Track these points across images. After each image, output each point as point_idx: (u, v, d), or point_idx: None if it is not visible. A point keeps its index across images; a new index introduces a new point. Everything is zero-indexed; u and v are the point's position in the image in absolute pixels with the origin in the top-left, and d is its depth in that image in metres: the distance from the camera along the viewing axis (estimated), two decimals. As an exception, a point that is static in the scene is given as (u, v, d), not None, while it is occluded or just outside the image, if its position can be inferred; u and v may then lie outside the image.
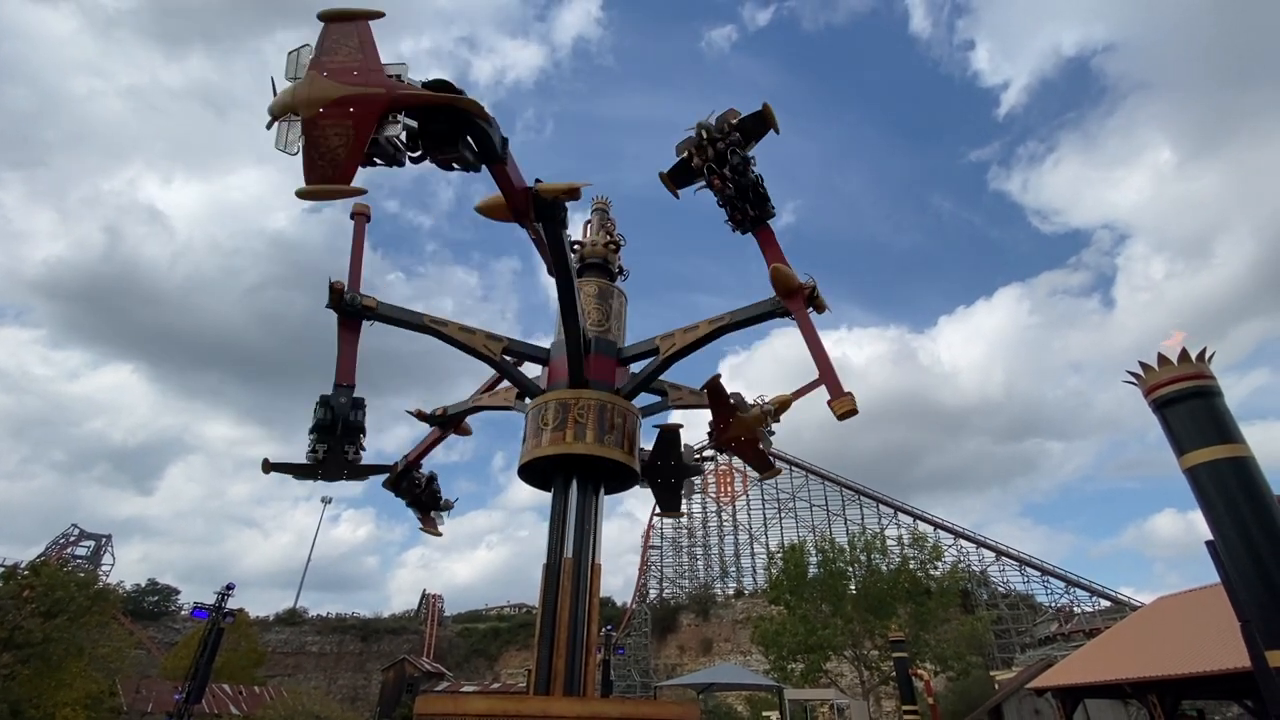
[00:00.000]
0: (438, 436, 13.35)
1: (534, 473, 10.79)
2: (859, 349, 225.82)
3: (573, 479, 10.38)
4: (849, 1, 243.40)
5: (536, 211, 8.59)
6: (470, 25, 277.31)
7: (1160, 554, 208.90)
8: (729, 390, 11.29)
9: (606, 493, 10.99)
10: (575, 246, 13.95)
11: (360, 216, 12.31)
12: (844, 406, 9.11)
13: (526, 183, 8.42)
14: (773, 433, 11.21)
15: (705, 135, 10.24)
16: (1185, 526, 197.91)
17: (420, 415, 13.23)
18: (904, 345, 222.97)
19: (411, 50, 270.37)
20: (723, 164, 10.17)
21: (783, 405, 10.80)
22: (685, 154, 10.55)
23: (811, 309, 9.75)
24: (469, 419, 13.26)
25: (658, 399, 12.23)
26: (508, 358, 11.77)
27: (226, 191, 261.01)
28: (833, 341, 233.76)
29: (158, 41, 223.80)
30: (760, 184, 10.38)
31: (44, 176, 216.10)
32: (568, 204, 8.62)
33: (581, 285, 12.38)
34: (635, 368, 11.75)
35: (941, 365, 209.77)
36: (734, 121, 10.21)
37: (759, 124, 10.17)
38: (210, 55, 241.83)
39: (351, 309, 10.71)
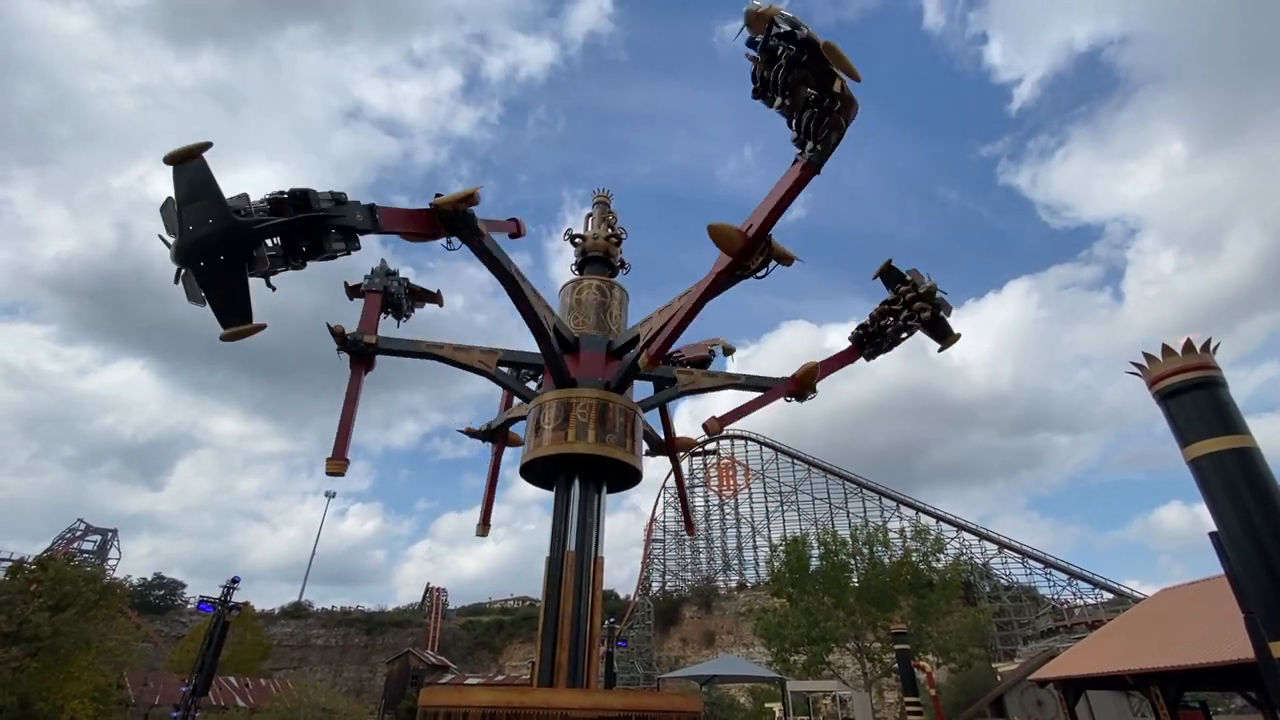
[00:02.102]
0: (498, 450, 14.05)
1: (536, 472, 10.81)
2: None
3: (574, 478, 10.39)
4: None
5: (445, 227, 8.68)
6: (482, 21, 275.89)
7: (1166, 546, 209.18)
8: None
9: (609, 491, 11.01)
10: (577, 240, 13.95)
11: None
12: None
13: (404, 223, 8.70)
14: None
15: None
16: (1191, 519, 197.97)
17: (470, 432, 14.28)
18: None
19: (423, 49, 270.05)
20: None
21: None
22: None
23: (776, 262, 8.90)
24: (514, 429, 13.66)
25: (666, 385, 12.40)
26: (504, 369, 12.10)
27: (236, 187, 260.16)
28: (841, 334, 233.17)
29: (169, 39, 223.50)
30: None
31: (55, 174, 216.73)
32: (473, 209, 8.68)
33: (575, 288, 12.44)
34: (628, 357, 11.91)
35: (950, 359, 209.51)
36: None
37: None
38: (221, 52, 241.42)
39: (355, 349, 11.30)
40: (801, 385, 11.89)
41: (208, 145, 7.04)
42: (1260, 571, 5.38)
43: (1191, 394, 6.23)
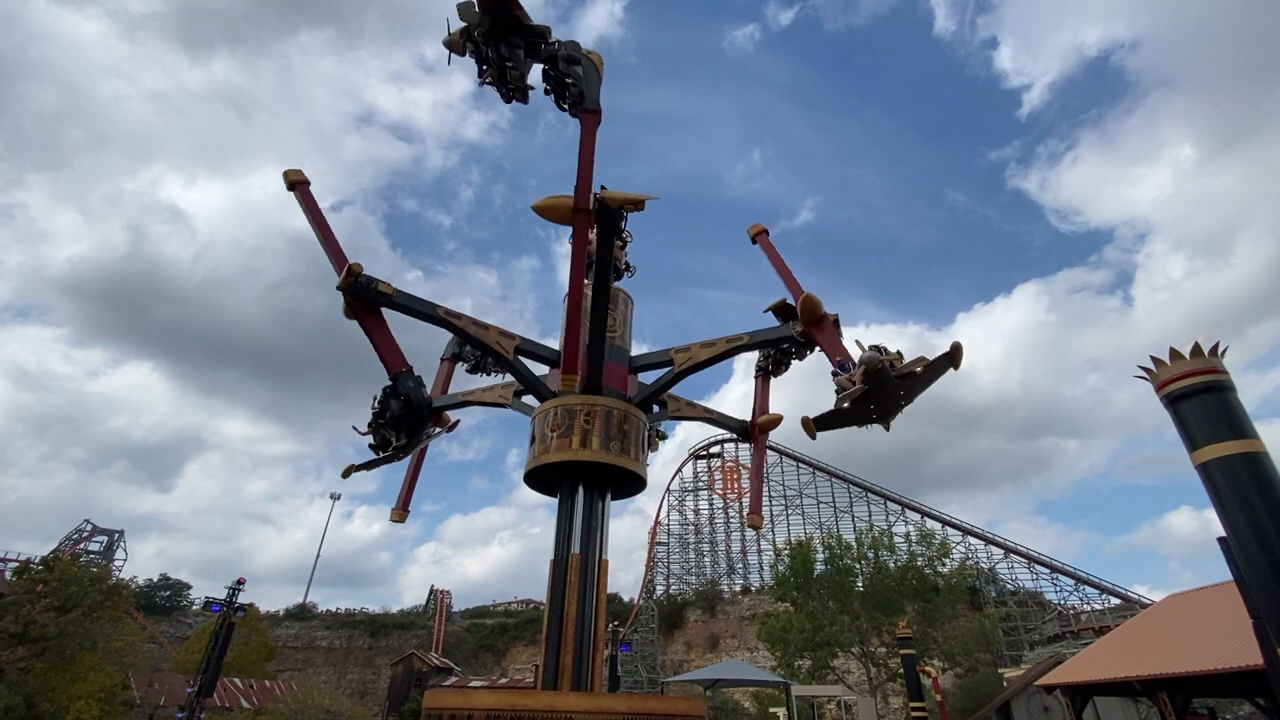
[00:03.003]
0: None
1: (540, 479, 10.78)
2: None
3: (579, 485, 10.36)
4: (871, 3, 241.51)
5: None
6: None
7: (1175, 551, 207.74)
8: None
9: (613, 498, 10.98)
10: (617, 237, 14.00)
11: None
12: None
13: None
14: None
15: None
16: (1201, 524, 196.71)
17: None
18: (923, 342, 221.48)
19: (434, 54, 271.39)
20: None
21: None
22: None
23: (622, 209, 9.14)
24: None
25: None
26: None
27: (248, 191, 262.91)
28: (850, 339, 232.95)
29: (183, 45, 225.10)
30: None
31: (68, 178, 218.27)
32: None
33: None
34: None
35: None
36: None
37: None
38: (235, 57, 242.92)
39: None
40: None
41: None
42: (1269, 577, 5.34)
43: (1200, 398, 6.19)
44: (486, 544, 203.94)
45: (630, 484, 10.86)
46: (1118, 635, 23.63)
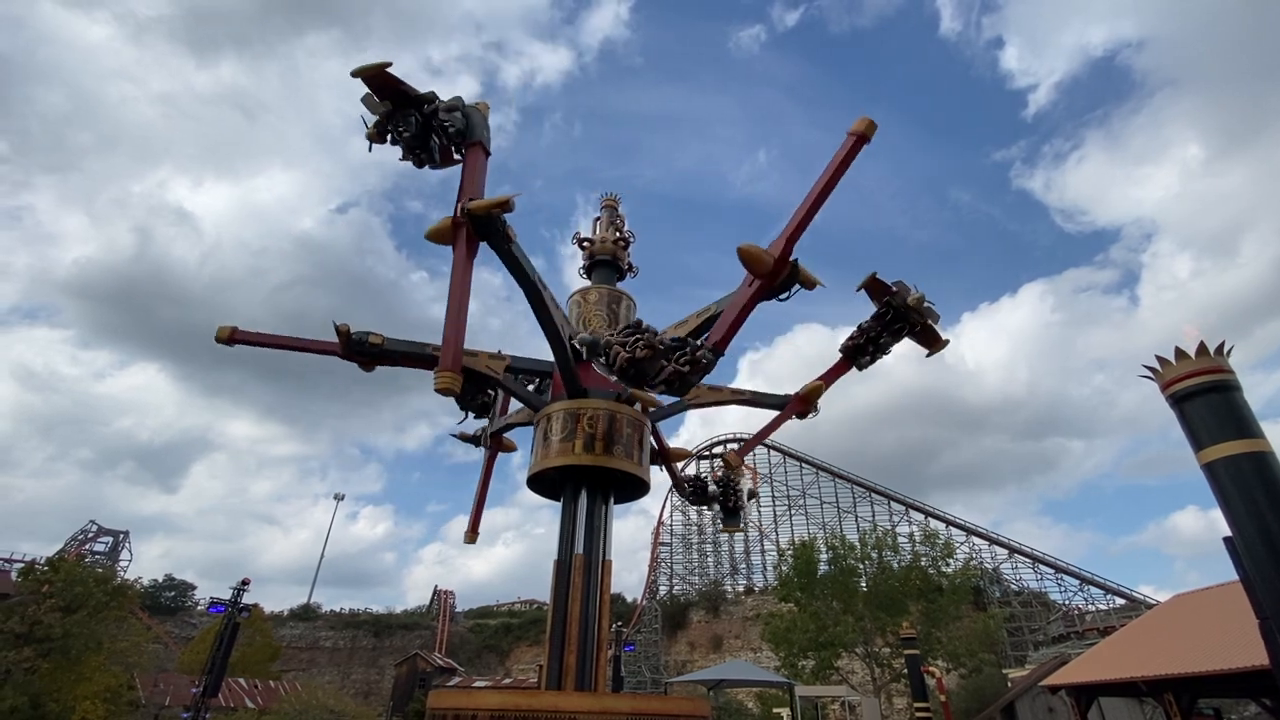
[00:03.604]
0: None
1: (543, 483, 10.79)
2: None
3: (581, 489, 10.36)
4: (877, 4, 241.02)
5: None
6: (499, 30, 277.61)
7: (1181, 552, 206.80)
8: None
9: (616, 502, 10.98)
10: (585, 244, 13.98)
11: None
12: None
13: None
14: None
15: None
16: (1207, 524, 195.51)
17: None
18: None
19: (440, 57, 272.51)
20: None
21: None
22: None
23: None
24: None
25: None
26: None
27: (254, 193, 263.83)
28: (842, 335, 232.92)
29: (190, 48, 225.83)
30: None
31: (76, 180, 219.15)
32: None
33: (584, 294, 12.43)
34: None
35: (965, 363, 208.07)
36: None
37: None
38: (241, 60, 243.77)
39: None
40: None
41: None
42: (1275, 577, 5.31)
43: (1205, 397, 6.17)
44: (491, 544, 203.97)
45: (633, 488, 10.86)
46: (1123, 635, 23.55)
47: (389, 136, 9.28)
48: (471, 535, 13.43)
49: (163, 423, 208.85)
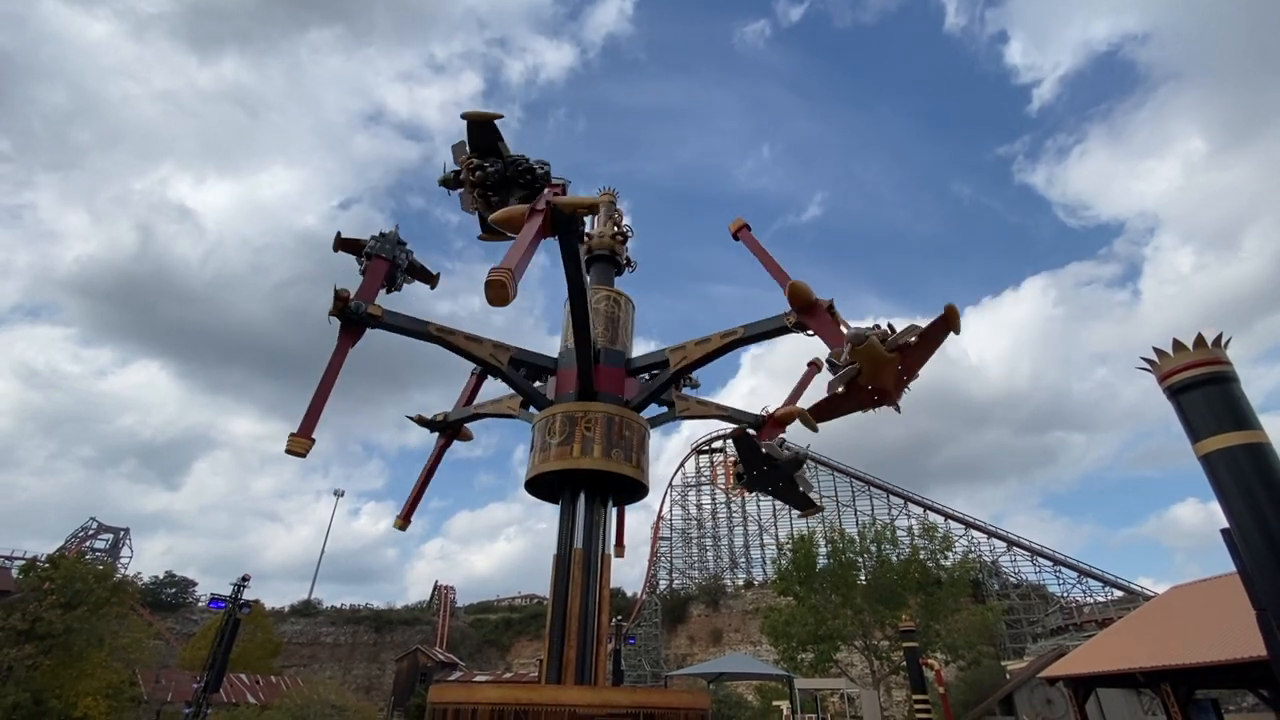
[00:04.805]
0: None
1: (542, 486, 10.75)
2: None
3: (580, 492, 10.34)
4: (881, 1, 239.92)
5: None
6: (503, 26, 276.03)
7: (1181, 544, 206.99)
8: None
9: (615, 505, 10.97)
10: (583, 239, 13.94)
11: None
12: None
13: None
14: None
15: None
16: (1206, 516, 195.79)
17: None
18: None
19: (444, 54, 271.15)
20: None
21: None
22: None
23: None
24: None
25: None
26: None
27: (257, 190, 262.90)
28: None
29: (192, 45, 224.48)
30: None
31: (78, 178, 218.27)
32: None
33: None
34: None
35: (968, 357, 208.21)
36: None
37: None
38: (244, 56, 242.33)
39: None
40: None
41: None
42: (1272, 568, 5.33)
43: (1203, 389, 6.17)
44: (493, 540, 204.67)
45: (632, 490, 10.84)
46: (1121, 627, 23.65)
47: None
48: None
49: (165, 420, 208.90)
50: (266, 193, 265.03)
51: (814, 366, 12.76)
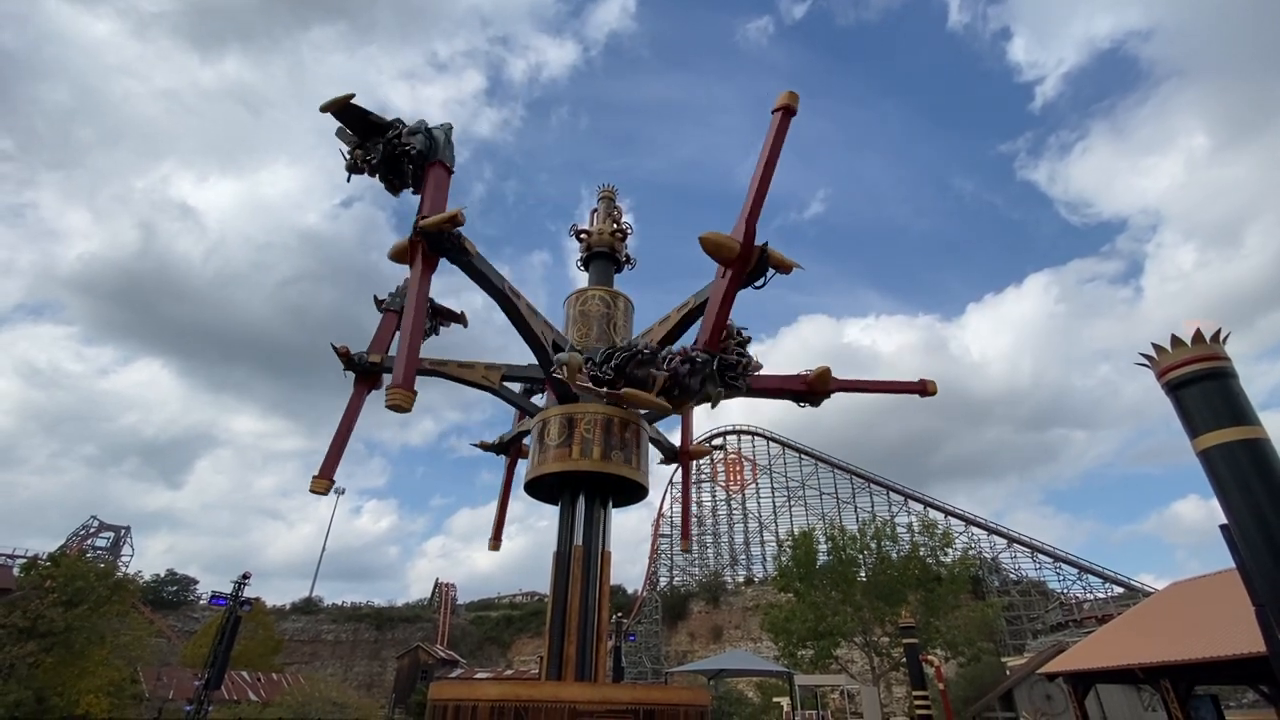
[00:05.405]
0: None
1: (541, 488, 10.75)
2: (888, 336, 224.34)
3: (579, 494, 10.34)
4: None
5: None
6: (506, 24, 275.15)
7: (1182, 540, 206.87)
8: None
9: (614, 506, 10.97)
10: (582, 236, 13.93)
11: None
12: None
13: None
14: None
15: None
16: (1207, 512, 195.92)
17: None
18: (933, 334, 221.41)
19: (446, 52, 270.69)
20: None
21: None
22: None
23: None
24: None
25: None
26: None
27: (259, 188, 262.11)
28: (860, 329, 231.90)
29: (194, 43, 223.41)
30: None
31: (79, 176, 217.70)
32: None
33: (580, 298, 12.38)
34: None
35: (970, 354, 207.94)
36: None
37: None
38: (246, 54, 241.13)
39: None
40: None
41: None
42: (1271, 564, 5.33)
43: (1201, 385, 6.16)
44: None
45: (632, 491, 10.84)
46: (1120, 623, 23.67)
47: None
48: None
49: (167, 419, 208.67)
50: (268, 191, 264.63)
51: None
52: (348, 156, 9.68)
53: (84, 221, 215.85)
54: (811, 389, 11.28)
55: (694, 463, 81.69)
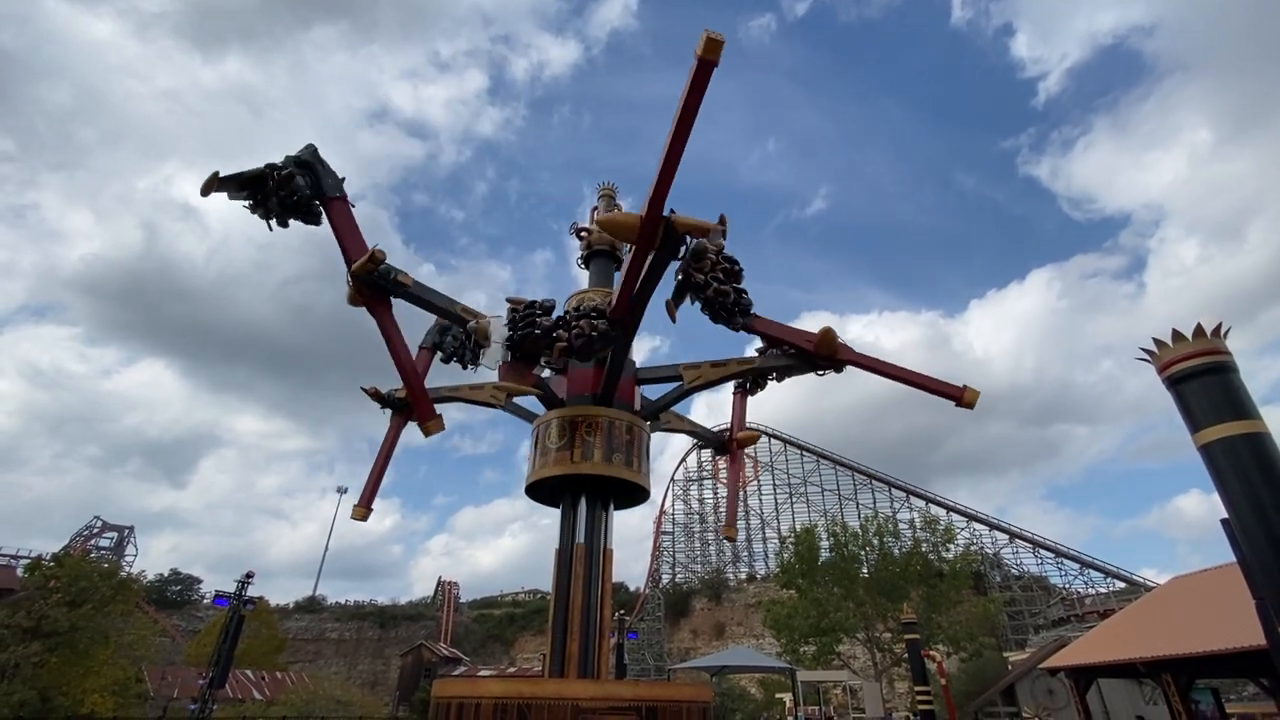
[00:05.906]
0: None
1: (542, 490, 10.76)
2: (890, 333, 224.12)
3: (580, 497, 10.36)
4: None
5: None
6: (508, 23, 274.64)
7: (1184, 534, 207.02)
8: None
9: (616, 508, 10.99)
10: (583, 235, 13.91)
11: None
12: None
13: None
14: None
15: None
16: (1209, 506, 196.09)
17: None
18: (936, 330, 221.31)
19: (448, 51, 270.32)
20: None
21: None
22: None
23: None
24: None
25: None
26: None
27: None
28: (863, 325, 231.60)
29: (195, 43, 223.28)
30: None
31: (82, 177, 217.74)
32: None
33: (579, 300, 12.37)
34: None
35: (973, 350, 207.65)
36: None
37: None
38: (248, 54, 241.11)
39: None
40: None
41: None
42: (1271, 557, 5.34)
43: (1202, 379, 6.16)
44: (498, 535, 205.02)
45: (633, 493, 10.87)
46: (1122, 618, 23.68)
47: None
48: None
49: (171, 419, 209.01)
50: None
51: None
52: (255, 215, 9.76)
53: (86, 222, 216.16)
54: (818, 350, 11.16)
55: (705, 451, 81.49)
